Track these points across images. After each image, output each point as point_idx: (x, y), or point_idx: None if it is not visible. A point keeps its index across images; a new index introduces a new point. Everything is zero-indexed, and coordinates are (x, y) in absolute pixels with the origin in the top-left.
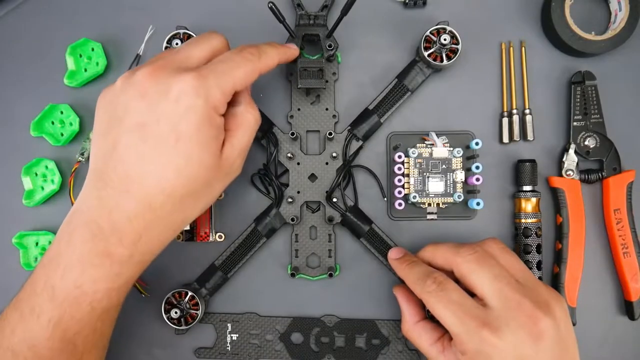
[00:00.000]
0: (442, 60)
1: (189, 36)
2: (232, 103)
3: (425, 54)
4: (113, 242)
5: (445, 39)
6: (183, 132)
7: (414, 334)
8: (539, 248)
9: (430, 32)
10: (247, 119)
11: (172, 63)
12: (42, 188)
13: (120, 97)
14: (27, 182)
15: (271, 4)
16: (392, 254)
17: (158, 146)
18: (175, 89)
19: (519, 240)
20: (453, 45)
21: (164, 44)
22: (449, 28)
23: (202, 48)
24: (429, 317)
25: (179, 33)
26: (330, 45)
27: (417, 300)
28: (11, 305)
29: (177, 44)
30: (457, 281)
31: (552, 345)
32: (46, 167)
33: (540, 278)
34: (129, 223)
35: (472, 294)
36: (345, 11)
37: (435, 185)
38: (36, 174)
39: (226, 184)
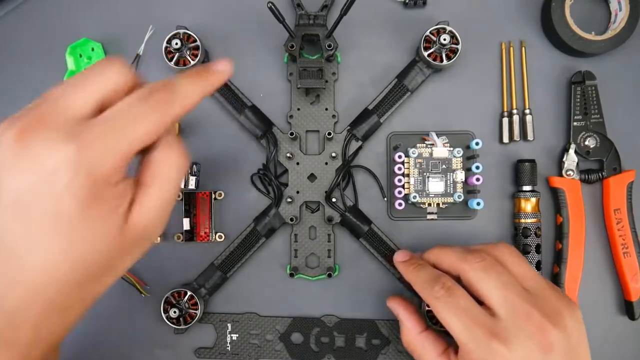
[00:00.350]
0: (442, 60)
1: (189, 36)
2: (147, 147)
3: (425, 54)
4: (10, 333)
5: (445, 39)
6: (63, 213)
7: (417, 345)
8: (538, 248)
9: (430, 32)
10: (165, 169)
11: (46, 121)
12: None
13: None
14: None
15: (270, 4)
16: (398, 257)
17: (37, 227)
18: (49, 163)
19: (518, 240)
20: (453, 45)
21: (164, 44)
22: (448, 28)
23: (89, 92)
24: (430, 326)
25: (178, 33)
26: (329, 45)
27: (417, 309)
28: None
29: (176, 43)
30: (465, 287)
31: (562, 357)
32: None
33: None
34: (22, 313)
35: (481, 302)
36: (344, 11)
37: (435, 185)
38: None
39: (138, 254)
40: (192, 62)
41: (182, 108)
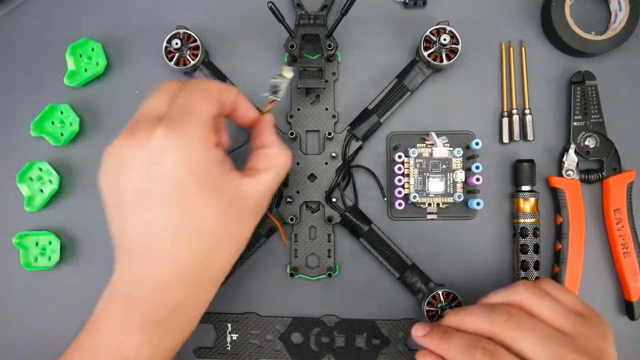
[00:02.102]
0: (442, 60)
1: (189, 36)
2: (263, 145)
3: (425, 54)
4: (152, 310)
5: (445, 39)
6: (183, 185)
7: None
8: (536, 248)
9: (430, 32)
10: (279, 161)
11: (140, 123)
12: (42, 191)
13: (110, 174)
14: (24, 189)
15: (271, 4)
16: (418, 331)
17: (164, 210)
18: (153, 146)
19: (516, 240)
20: (453, 45)
21: (164, 44)
22: (448, 28)
23: (160, 97)
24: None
25: (178, 33)
26: (330, 45)
27: None
28: None
29: (176, 43)
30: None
31: None
32: (40, 169)
33: (537, 278)
34: (163, 291)
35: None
36: (345, 11)
37: (435, 185)
38: (31, 179)
39: (252, 225)
40: (192, 62)
41: (220, 84)
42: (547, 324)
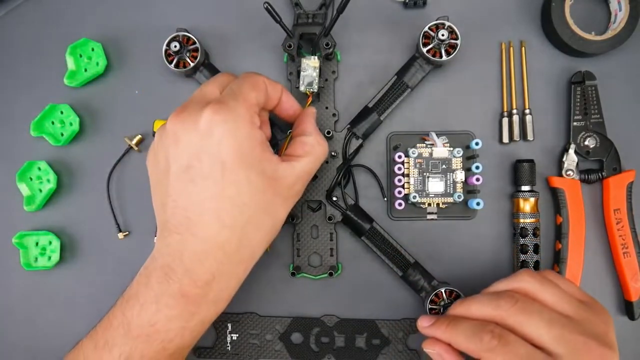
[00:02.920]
0: (441, 56)
1: (188, 38)
2: (303, 133)
3: (424, 50)
4: (187, 283)
5: (443, 35)
6: (227, 160)
7: None
8: (536, 248)
9: (429, 28)
10: (316, 150)
11: (191, 104)
12: (40, 190)
13: (159, 149)
14: (24, 189)
15: (266, 4)
16: (424, 322)
17: (207, 183)
18: (202, 122)
19: (516, 240)
20: (452, 41)
21: (164, 46)
22: (447, 23)
23: (213, 85)
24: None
25: (178, 35)
26: (327, 44)
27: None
28: (88, 335)
29: (175, 46)
30: None
31: None
32: (39, 168)
33: None
34: (200, 264)
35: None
36: (341, 9)
37: (435, 185)
38: (31, 179)
39: (287, 207)
40: (192, 64)
41: (267, 80)
42: (551, 308)
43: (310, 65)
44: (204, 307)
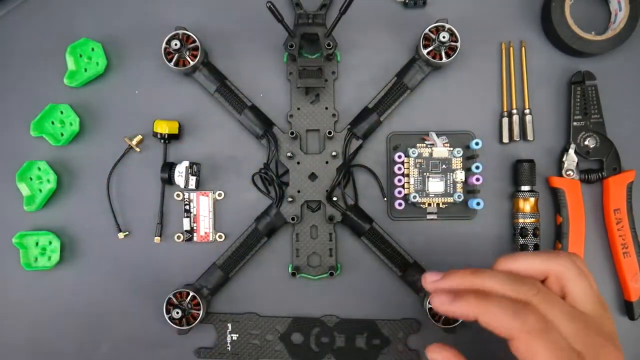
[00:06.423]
0: (441, 58)
1: (188, 37)
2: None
3: (425, 51)
4: None
5: (444, 37)
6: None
7: None
8: (536, 248)
9: (430, 30)
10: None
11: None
12: (40, 190)
13: None
14: (24, 189)
15: (269, 4)
16: (432, 277)
17: None
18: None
19: (516, 240)
20: (452, 43)
21: (163, 45)
22: (447, 25)
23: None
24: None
25: (178, 34)
26: (329, 45)
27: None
28: None
29: (175, 44)
30: None
31: None
32: (39, 168)
33: None
34: None
35: None
36: (344, 10)
37: (435, 185)
38: (31, 179)
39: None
40: (192, 63)
41: None
42: (571, 304)
43: None
44: None
